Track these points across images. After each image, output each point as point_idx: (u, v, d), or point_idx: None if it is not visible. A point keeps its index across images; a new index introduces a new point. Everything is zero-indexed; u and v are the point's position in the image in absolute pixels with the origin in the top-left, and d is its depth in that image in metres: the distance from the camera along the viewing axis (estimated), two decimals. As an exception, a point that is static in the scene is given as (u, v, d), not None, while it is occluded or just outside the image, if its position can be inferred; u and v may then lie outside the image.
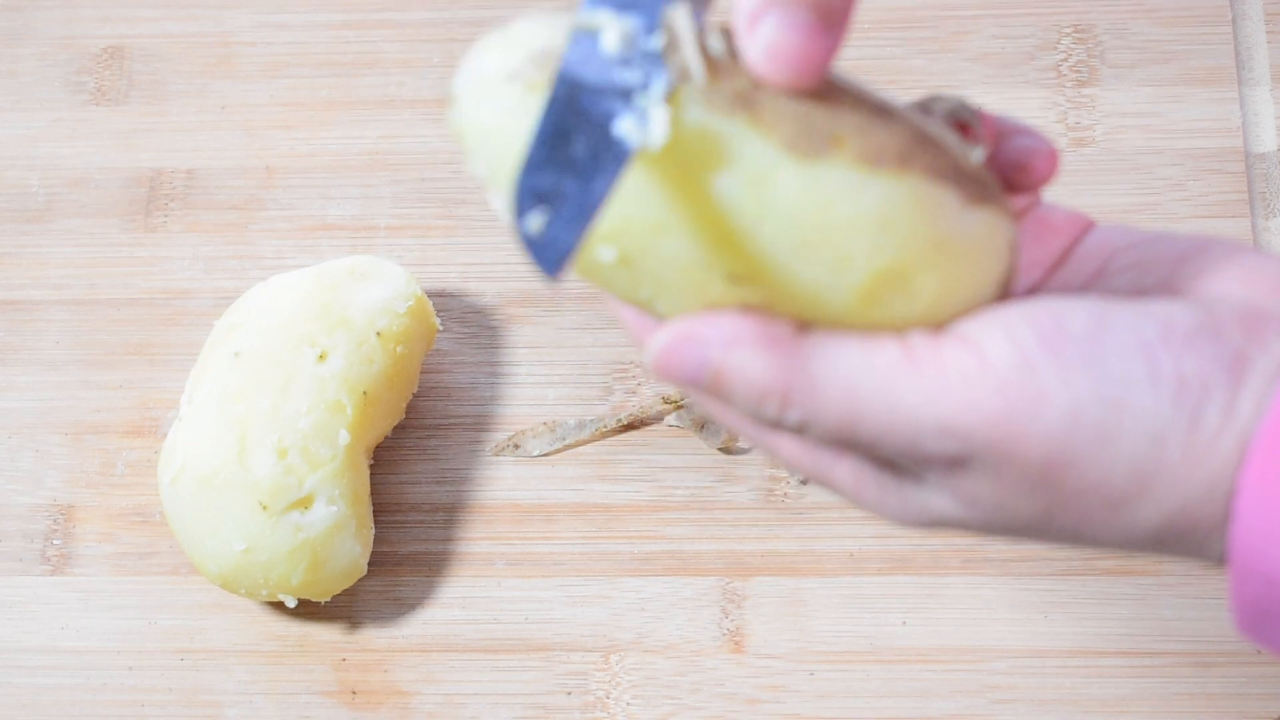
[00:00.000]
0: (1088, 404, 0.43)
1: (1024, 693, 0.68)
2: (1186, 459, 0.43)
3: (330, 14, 0.83)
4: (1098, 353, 0.43)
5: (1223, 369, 0.43)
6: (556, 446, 0.74)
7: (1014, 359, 0.44)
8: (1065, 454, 0.44)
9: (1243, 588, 0.44)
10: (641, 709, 0.69)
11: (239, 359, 0.69)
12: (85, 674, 0.71)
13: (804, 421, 0.45)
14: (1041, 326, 0.44)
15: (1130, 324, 0.44)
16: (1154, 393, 0.43)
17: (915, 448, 0.45)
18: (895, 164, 0.44)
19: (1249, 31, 0.79)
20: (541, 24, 0.46)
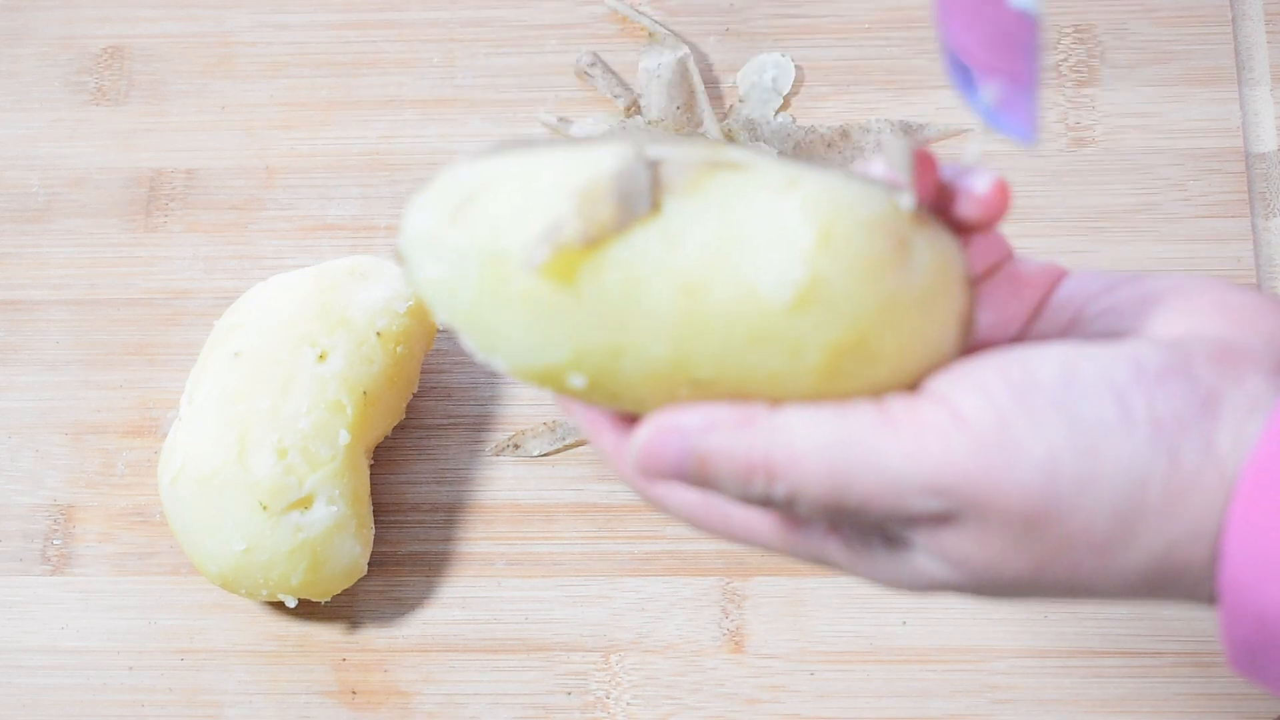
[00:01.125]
0: (1063, 453, 0.43)
1: (1024, 693, 0.68)
2: (1169, 499, 0.43)
3: (330, 14, 0.83)
4: (1069, 400, 0.44)
5: (1196, 406, 0.43)
6: (556, 446, 0.74)
7: (987, 414, 0.44)
8: (1046, 505, 0.44)
9: (1234, 626, 0.44)
10: (641, 709, 0.69)
11: (239, 359, 0.69)
12: (85, 674, 0.71)
13: (791, 494, 0.45)
14: (1012, 379, 0.44)
15: (1100, 368, 0.44)
16: (1129, 435, 0.43)
17: (902, 508, 0.45)
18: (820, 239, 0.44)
19: (1249, 31, 0.79)
20: (466, 167, 0.47)
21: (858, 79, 0.80)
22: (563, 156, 0.46)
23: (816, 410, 0.45)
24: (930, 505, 0.44)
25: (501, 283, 0.46)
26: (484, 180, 0.46)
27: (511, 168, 0.46)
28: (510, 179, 0.46)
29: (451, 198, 0.47)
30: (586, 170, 0.45)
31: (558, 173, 0.46)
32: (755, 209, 0.44)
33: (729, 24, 0.81)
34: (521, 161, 0.46)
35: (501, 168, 0.46)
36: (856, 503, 0.45)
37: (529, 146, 0.47)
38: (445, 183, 0.48)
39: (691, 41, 0.81)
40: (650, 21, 0.81)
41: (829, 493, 0.45)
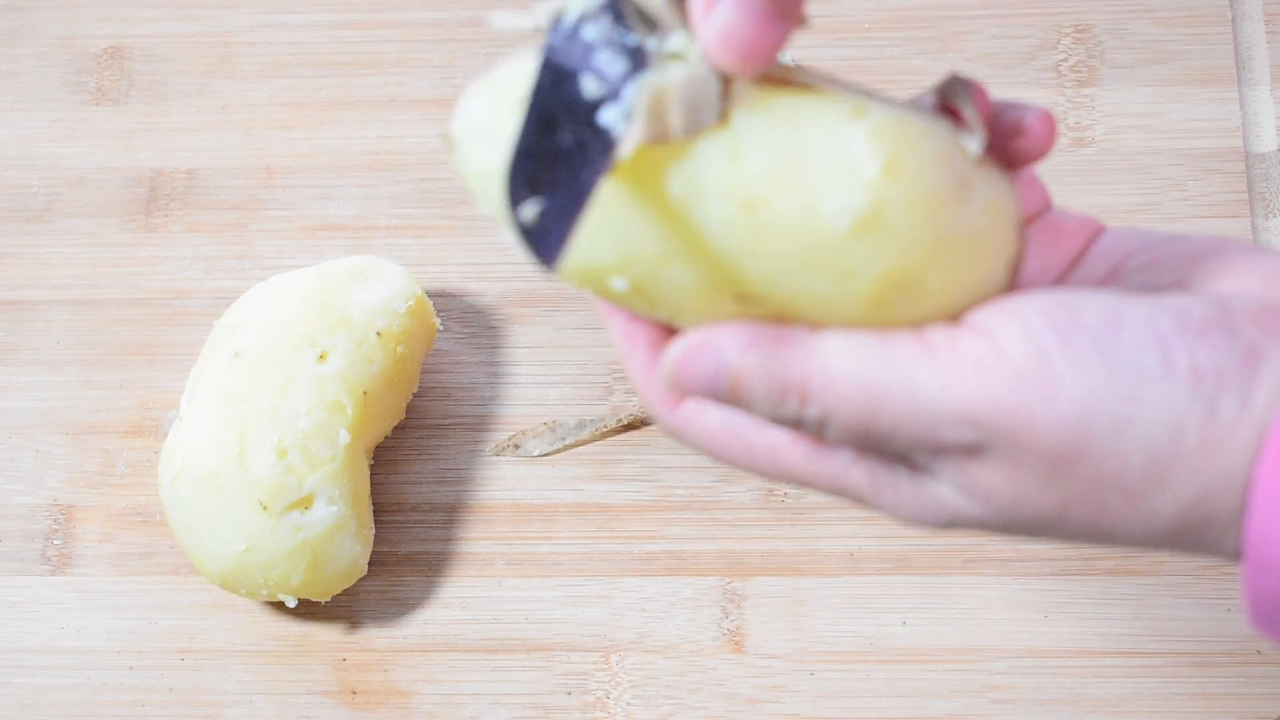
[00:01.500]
0: (1102, 394, 0.43)
1: (1024, 693, 0.68)
2: (1204, 448, 0.43)
3: (330, 14, 0.83)
4: (1112, 343, 0.44)
5: (1237, 360, 0.43)
6: (556, 446, 0.74)
7: (1029, 349, 0.44)
8: (1080, 443, 0.44)
9: (1257, 581, 0.44)
10: (641, 709, 0.69)
11: (239, 359, 0.69)
12: (85, 674, 0.71)
13: (824, 417, 0.45)
14: (1056, 318, 0.44)
15: (1144, 316, 0.44)
16: (1169, 383, 0.43)
17: (933, 437, 0.45)
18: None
19: (1249, 31, 0.79)
20: (528, 61, 0.46)
21: (857, 79, 0.79)
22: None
23: (856, 335, 0.45)
24: (962, 436, 0.44)
25: None
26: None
27: None
28: None
29: (515, 88, 0.46)
30: (657, 74, 0.45)
31: None
32: (822, 132, 0.44)
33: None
34: None
35: None
36: (888, 428, 0.45)
37: None
38: (509, 72, 0.47)
39: (691, 41, 0.81)
40: (650, 21, 0.81)
41: (862, 417, 0.45)
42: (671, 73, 0.45)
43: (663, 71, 0.44)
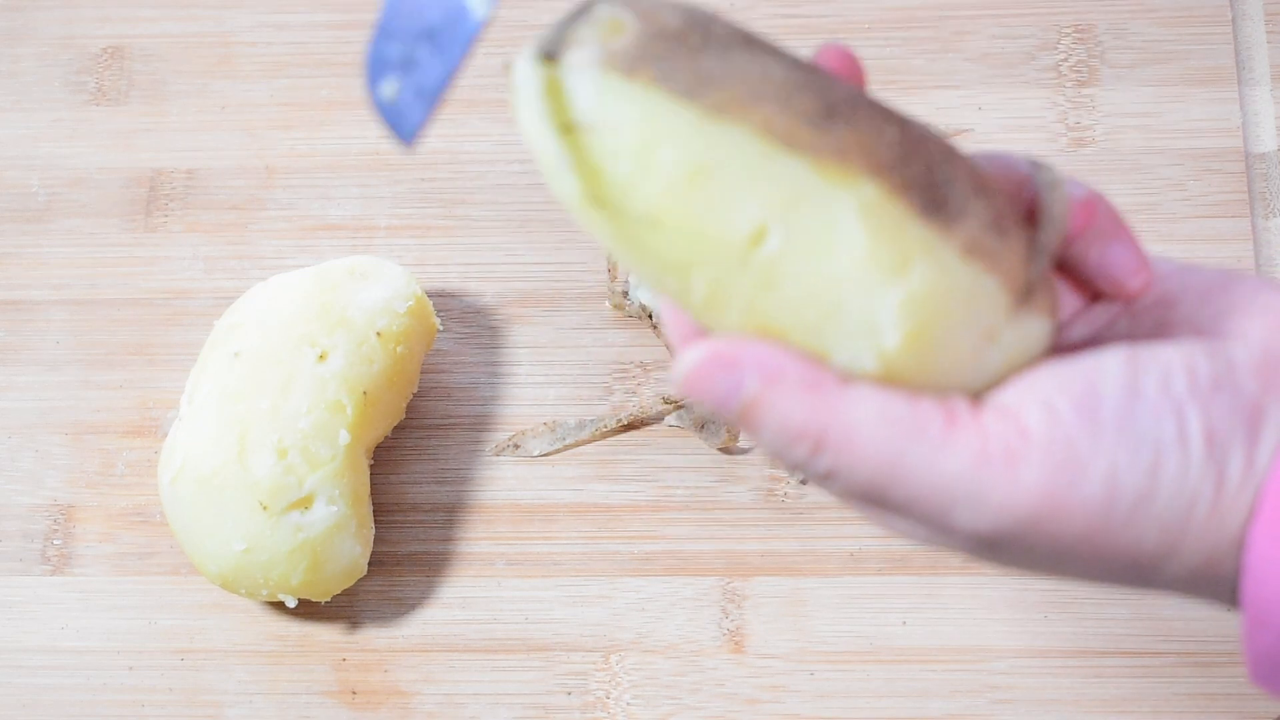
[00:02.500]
0: (1126, 472, 0.43)
1: (1024, 693, 0.68)
2: (1213, 516, 0.43)
3: (330, 14, 0.83)
4: (1131, 415, 0.43)
5: (1243, 421, 0.44)
6: (556, 446, 0.74)
7: (1052, 430, 0.43)
8: (1103, 524, 0.44)
9: (1256, 638, 0.44)
10: (641, 709, 0.69)
11: (239, 359, 0.69)
12: (85, 674, 0.71)
13: (833, 470, 0.44)
14: (1076, 395, 0.44)
15: (1160, 380, 0.44)
16: (1184, 452, 0.43)
17: (946, 516, 0.44)
18: (963, 255, 0.44)
19: (1249, 31, 0.79)
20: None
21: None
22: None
23: (889, 397, 0.44)
24: (978, 522, 0.44)
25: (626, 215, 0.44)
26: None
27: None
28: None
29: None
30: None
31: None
32: (856, 288, 0.43)
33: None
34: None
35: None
36: (901, 500, 0.44)
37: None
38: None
39: (691, 41, 0.81)
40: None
41: (877, 482, 0.44)
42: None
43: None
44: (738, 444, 0.73)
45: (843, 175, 0.43)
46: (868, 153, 0.43)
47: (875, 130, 0.44)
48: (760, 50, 0.45)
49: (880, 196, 0.43)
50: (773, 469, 0.73)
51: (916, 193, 0.43)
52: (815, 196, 0.43)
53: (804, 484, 0.72)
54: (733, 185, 0.43)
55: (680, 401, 0.73)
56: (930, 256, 0.43)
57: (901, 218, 0.43)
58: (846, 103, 0.44)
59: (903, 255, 0.43)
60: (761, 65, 0.44)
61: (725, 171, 0.43)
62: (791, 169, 0.43)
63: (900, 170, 0.44)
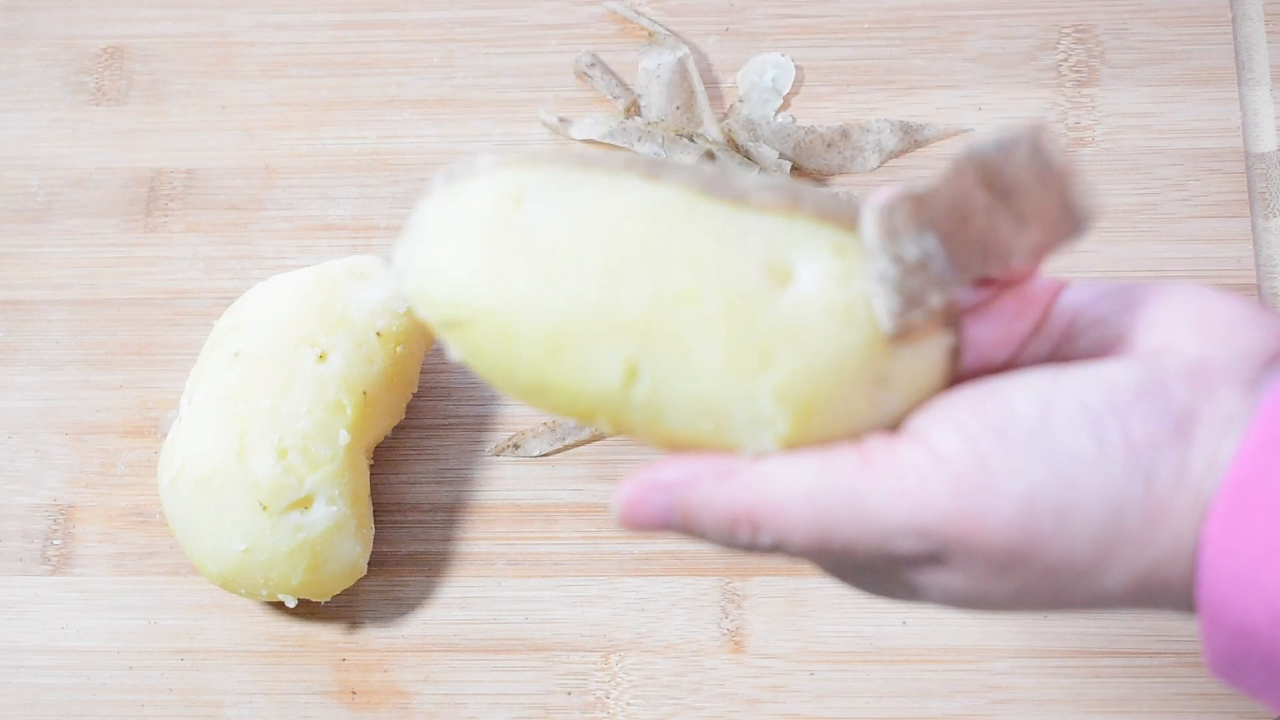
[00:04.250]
0: (1041, 487, 0.44)
1: (1024, 693, 0.68)
2: (1145, 523, 0.44)
3: (330, 14, 0.83)
4: (1045, 432, 0.44)
5: (1170, 428, 0.44)
6: (556, 446, 0.74)
7: (965, 453, 0.44)
8: (1026, 538, 0.44)
9: (1213, 638, 0.45)
10: (641, 709, 0.69)
11: (239, 359, 0.69)
12: (85, 674, 0.71)
13: (777, 543, 0.46)
14: (989, 416, 0.44)
15: (1075, 396, 0.44)
16: (1105, 463, 0.44)
17: (886, 550, 0.45)
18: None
19: (1249, 31, 0.79)
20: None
21: (858, 79, 0.80)
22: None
23: (797, 458, 0.46)
24: (914, 546, 0.45)
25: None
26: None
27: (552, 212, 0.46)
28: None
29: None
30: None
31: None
32: (728, 390, 0.45)
33: (729, 24, 0.81)
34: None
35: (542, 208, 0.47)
36: (841, 547, 0.46)
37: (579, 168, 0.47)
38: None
39: (691, 41, 0.81)
40: (650, 22, 0.81)
41: (814, 540, 0.46)
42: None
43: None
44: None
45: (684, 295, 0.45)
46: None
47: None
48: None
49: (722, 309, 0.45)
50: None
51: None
52: (661, 332, 0.45)
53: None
54: (589, 341, 0.45)
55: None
56: (789, 340, 0.45)
57: (753, 310, 0.45)
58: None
59: (760, 351, 0.45)
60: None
61: (578, 332, 0.45)
62: (632, 305, 0.45)
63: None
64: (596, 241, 0.45)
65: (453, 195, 0.47)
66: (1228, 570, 0.43)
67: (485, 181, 0.46)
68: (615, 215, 0.45)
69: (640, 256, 0.45)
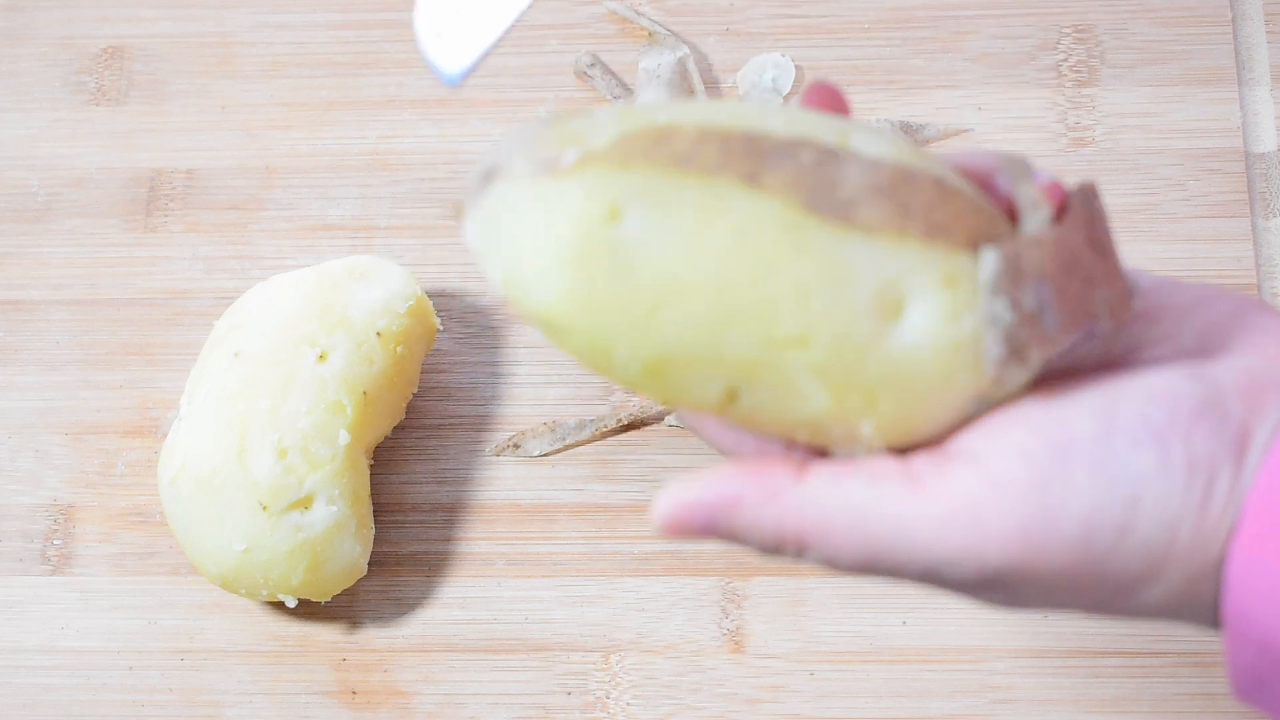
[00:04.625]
0: (1104, 509, 0.43)
1: (1024, 693, 0.68)
2: (1196, 538, 0.44)
3: (330, 14, 0.83)
4: (1108, 452, 0.43)
5: (1229, 446, 0.43)
6: (556, 446, 0.74)
7: (1025, 476, 0.44)
8: (1083, 558, 0.44)
9: (1238, 654, 0.44)
10: (641, 709, 0.69)
11: (239, 359, 0.69)
12: (85, 674, 0.71)
13: (825, 560, 0.46)
14: (1049, 436, 0.44)
15: (1137, 413, 0.44)
16: (1166, 481, 0.43)
17: (934, 576, 0.45)
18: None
19: (1249, 31, 0.79)
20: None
21: (858, 79, 0.80)
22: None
23: (844, 477, 0.45)
24: (963, 573, 0.44)
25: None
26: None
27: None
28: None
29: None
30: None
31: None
32: (829, 421, 0.45)
33: (729, 24, 0.81)
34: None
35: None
36: (889, 569, 0.45)
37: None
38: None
39: (691, 41, 0.81)
40: (650, 22, 0.81)
41: (862, 561, 0.45)
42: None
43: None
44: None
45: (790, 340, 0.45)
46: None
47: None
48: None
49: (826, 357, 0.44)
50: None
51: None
52: (767, 369, 0.45)
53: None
54: (690, 373, 0.45)
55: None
56: (896, 382, 0.44)
57: (861, 352, 0.44)
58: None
59: (866, 393, 0.45)
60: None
61: (679, 365, 0.45)
62: (735, 340, 0.45)
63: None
64: (699, 279, 0.44)
65: (539, 192, 0.45)
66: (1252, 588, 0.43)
67: (576, 187, 0.44)
68: (718, 248, 0.44)
69: (746, 298, 0.44)
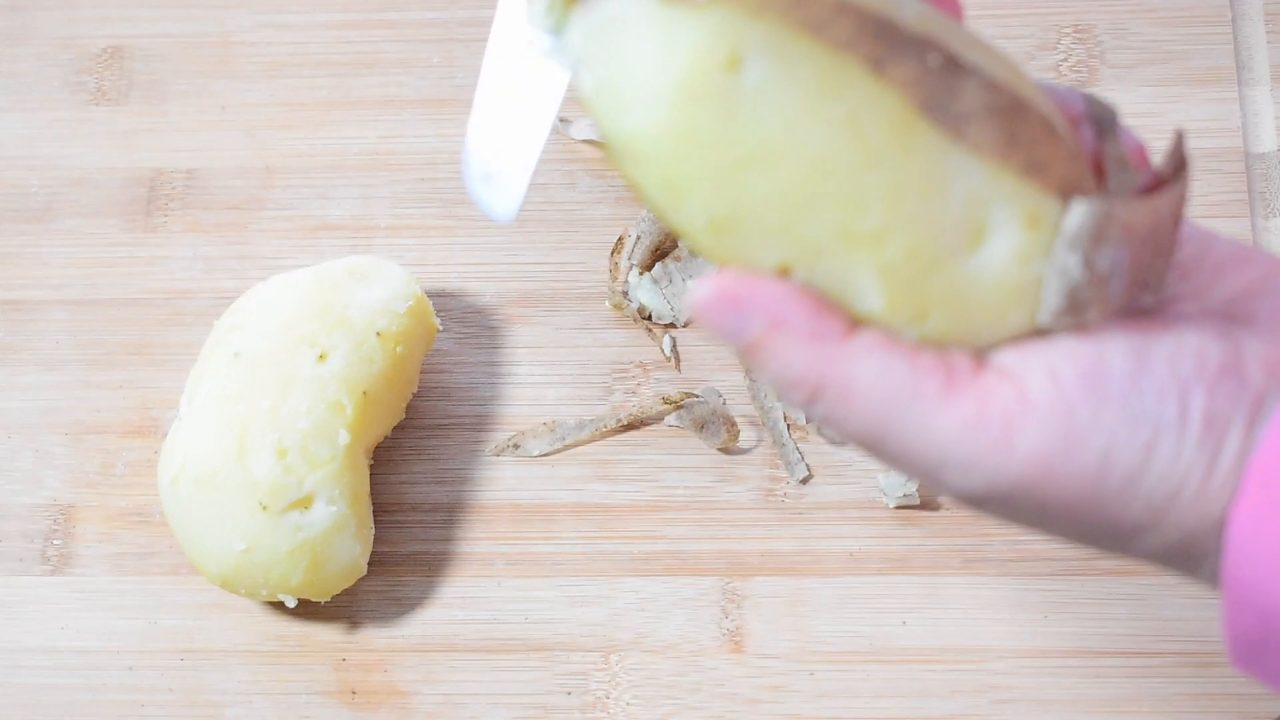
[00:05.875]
0: (1123, 447, 0.44)
1: (1024, 693, 0.68)
2: (1200, 496, 0.44)
3: (330, 14, 0.83)
4: (1136, 392, 0.44)
5: (1244, 410, 0.44)
6: (556, 446, 0.74)
7: (1055, 398, 0.44)
8: (1093, 496, 0.44)
9: (1237, 620, 0.44)
10: (641, 709, 0.69)
11: (239, 359, 0.69)
12: (85, 674, 0.71)
13: (828, 418, 0.45)
14: (1083, 364, 0.44)
15: (1168, 358, 0.44)
16: (1182, 433, 0.43)
17: (936, 476, 0.45)
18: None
19: (1249, 31, 0.79)
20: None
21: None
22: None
23: (887, 351, 0.44)
24: (968, 483, 0.44)
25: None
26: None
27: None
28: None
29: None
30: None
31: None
32: (883, 320, 0.45)
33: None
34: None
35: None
36: (892, 454, 0.45)
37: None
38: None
39: (691, 41, 0.81)
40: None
41: (870, 435, 0.45)
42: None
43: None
44: (737, 444, 0.73)
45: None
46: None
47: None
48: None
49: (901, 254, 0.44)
50: (772, 469, 0.73)
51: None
52: (833, 256, 0.44)
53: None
54: (754, 239, 0.44)
55: (680, 401, 0.73)
56: (954, 303, 0.44)
57: (931, 266, 0.44)
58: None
59: (921, 306, 0.44)
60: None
61: (748, 229, 0.44)
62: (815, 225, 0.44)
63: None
64: (801, 151, 0.43)
65: (664, 17, 0.43)
66: (1253, 554, 0.43)
67: (704, 23, 0.43)
68: (828, 125, 0.43)
69: (840, 187, 0.43)
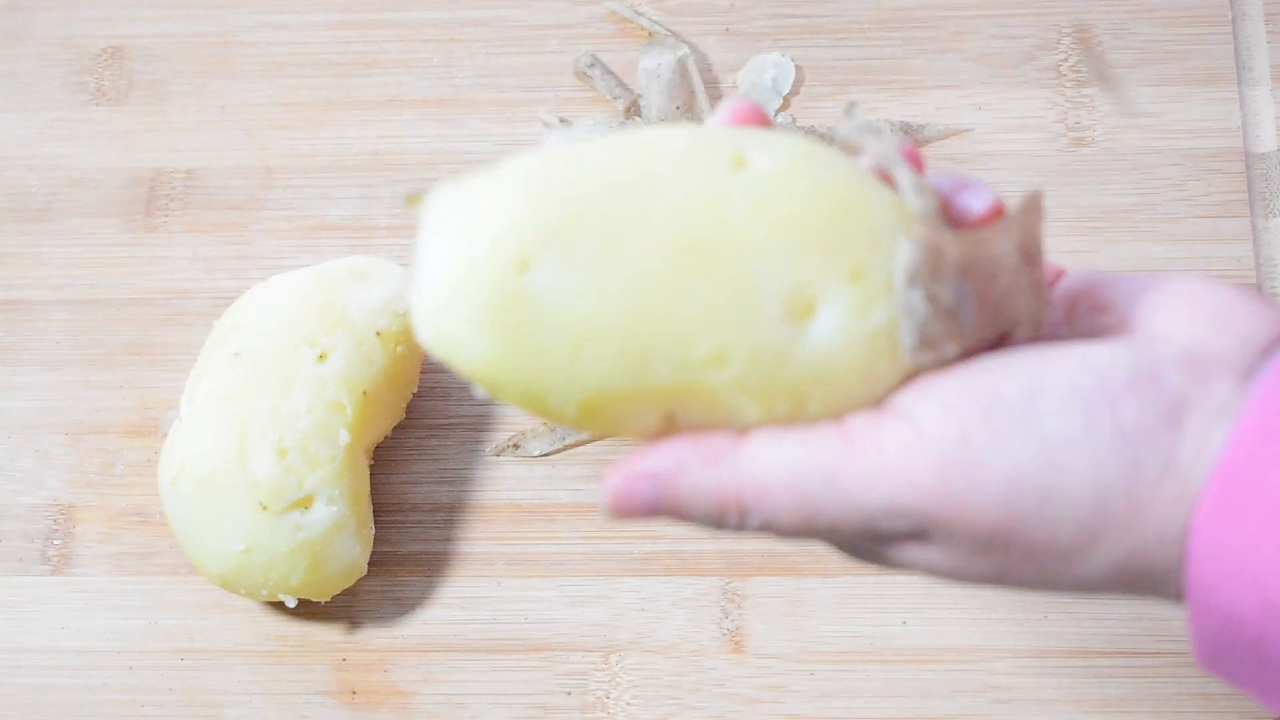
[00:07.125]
0: (1026, 467, 0.44)
1: (1024, 693, 0.68)
2: (1131, 508, 0.44)
3: (330, 14, 0.83)
4: (1033, 413, 0.44)
5: (1162, 415, 0.44)
6: (556, 446, 0.74)
7: (949, 431, 0.44)
8: (1009, 520, 0.44)
9: (1201, 626, 0.45)
10: (641, 709, 0.69)
11: (239, 359, 0.69)
12: (85, 674, 0.71)
13: (765, 524, 0.46)
14: (976, 395, 0.44)
15: (1066, 379, 0.44)
16: (1092, 447, 0.44)
17: (871, 529, 0.46)
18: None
19: (1249, 31, 0.79)
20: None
21: (858, 79, 0.80)
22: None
23: (781, 439, 0.46)
24: (896, 525, 0.45)
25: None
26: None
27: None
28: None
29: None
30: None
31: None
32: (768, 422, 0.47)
33: (729, 24, 0.81)
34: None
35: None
36: (828, 526, 0.46)
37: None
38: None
39: (691, 41, 0.81)
40: (650, 22, 0.81)
41: (800, 521, 0.46)
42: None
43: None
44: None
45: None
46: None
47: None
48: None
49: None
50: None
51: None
52: (693, 391, 0.46)
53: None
54: (623, 407, 0.46)
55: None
56: (819, 383, 0.46)
57: (780, 361, 0.45)
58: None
59: (793, 398, 0.46)
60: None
61: (611, 401, 0.46)
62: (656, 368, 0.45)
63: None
64: (613, 316, 0.45)
65: (455, 242, 0.46)
66: (1216, 557, 0.43)
67: (488, 241, 0.45)
68: (625, 282, 0.45)
69: (658, 329, 0.45)
